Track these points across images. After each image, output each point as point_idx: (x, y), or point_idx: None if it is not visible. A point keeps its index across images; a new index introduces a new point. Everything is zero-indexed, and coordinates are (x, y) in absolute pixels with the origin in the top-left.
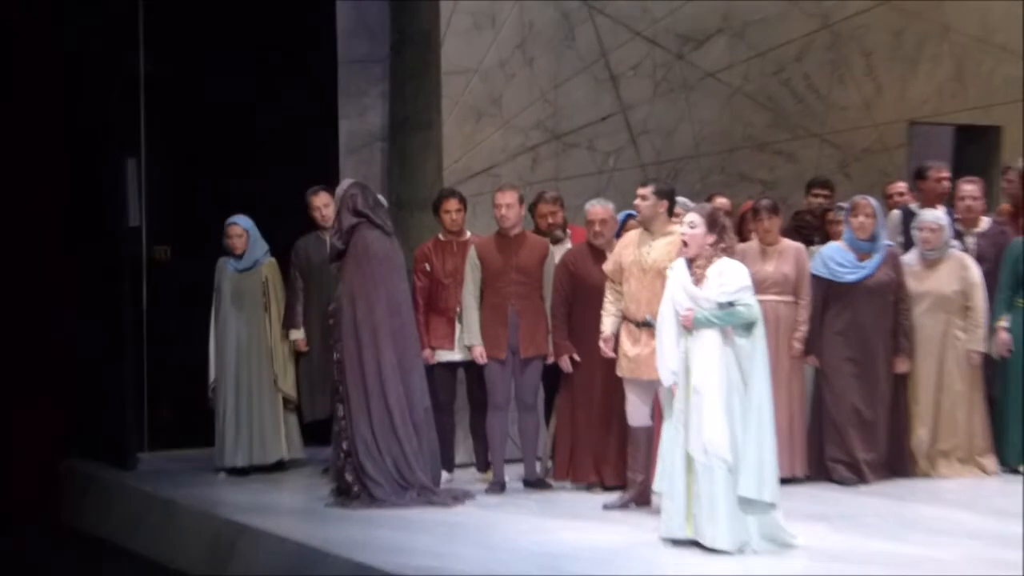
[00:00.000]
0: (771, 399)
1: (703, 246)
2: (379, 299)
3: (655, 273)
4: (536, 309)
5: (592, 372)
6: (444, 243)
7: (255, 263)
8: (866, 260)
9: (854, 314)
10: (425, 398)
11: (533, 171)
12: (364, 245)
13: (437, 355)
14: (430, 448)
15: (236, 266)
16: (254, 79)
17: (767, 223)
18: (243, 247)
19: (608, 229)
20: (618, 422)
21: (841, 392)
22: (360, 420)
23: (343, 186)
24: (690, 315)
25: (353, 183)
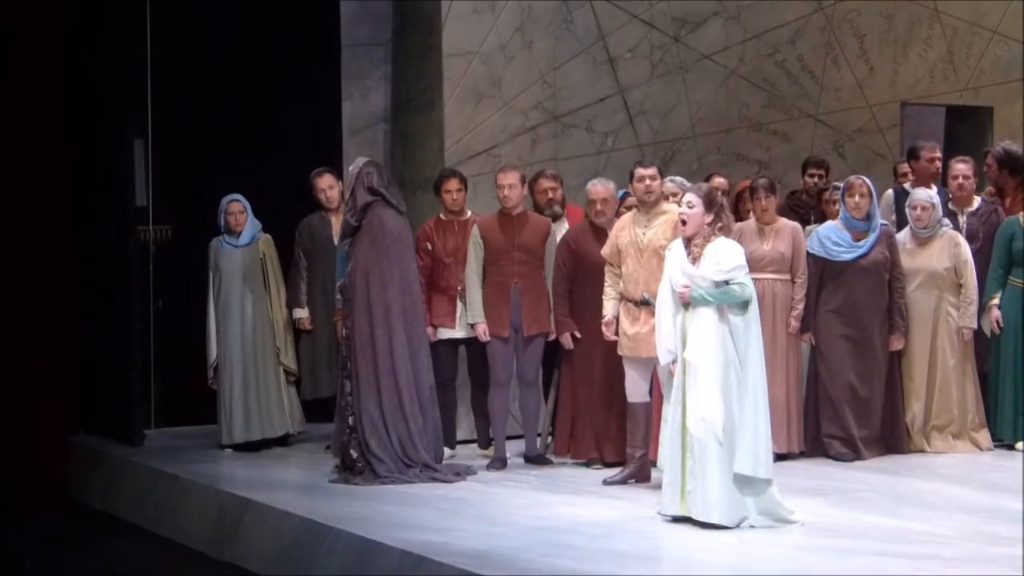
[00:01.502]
0: (765, 376)
1: (701, 225)
2: (392, 277)
3: (652, 252)
4: (538, 287)
5: (592, 349)
6: (445, 222)
7: (252, 239)
8: (861, 239)
9: (849, 292)
10: (431, 376)
11: (532, 151)
12: (380, 223)
13: (439, 332)
14: (434, 426)
15: (235, 243)
16: (258, 63)
17: (764, 202)
18: (243, 224)
19: (609, 208)
20: (618, 399)
21: (837, 369)
22: (368, 398)
23: (358, 164)
24: (686, 292)
25: (368, 161)
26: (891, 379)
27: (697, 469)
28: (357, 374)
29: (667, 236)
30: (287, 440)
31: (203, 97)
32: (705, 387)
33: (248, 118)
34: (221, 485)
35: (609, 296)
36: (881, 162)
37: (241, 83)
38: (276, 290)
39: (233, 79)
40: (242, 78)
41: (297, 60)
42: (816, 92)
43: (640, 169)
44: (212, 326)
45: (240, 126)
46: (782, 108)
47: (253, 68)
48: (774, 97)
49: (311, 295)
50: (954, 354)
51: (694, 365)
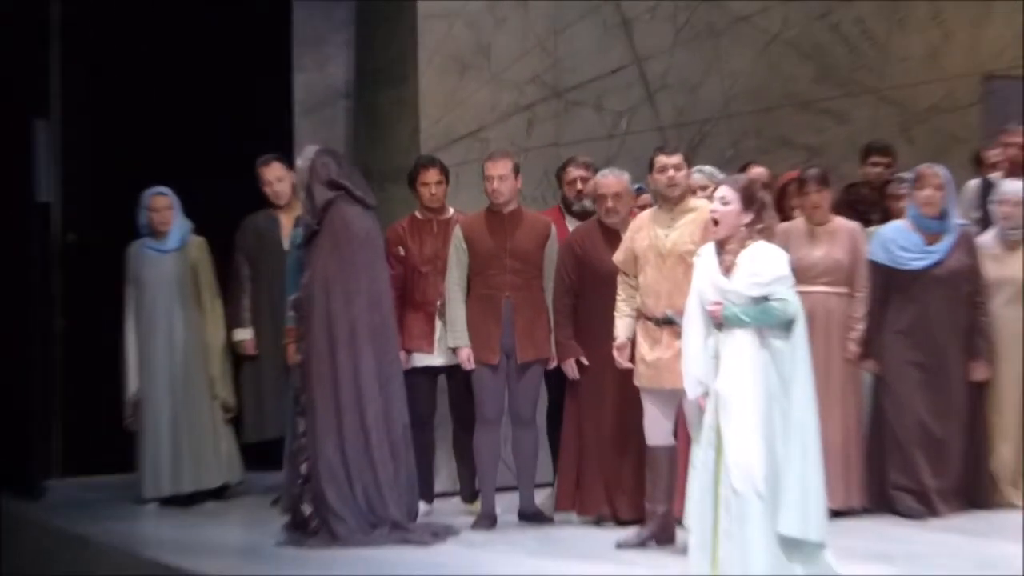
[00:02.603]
0: (816, 414)
1: (736, 227)
2: (359, 289)
3: (676, 258)
4: (535, 302)
5: (603, 379)
6: (422, 222)
7: (182, 243)
8: (935, 243)
9: (921, 308)
10: (404, 413)
11: (529, 135)
12: (343, 223)
13: (413, 359)
14: (407, 475)
15: (160, 247)
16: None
17: (815, 197)
18: (169, 223)
19: (623, 204)
20: (635, 441)
21: (906, 404)
22: (327, 439)
23: (308, 154)
24: (717, 311)
25: (320, 149)
26: (973, 416)
27: (734, 529)
28: (313, 410)
29: (695, 239)
30: (224, 493)
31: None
32: (742, 428)
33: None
34: (142, 549)
35: (622, 313)
36: (959, 148)
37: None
38: (211, 306)
39: (160, 46)
40: (171, 44)
41: (239, 22)
42: (879, 62)
43: (662, 157)
44: (131, 351)
45: (168, 104)
46: (837, 82)
47: (185, 32)
48: (826, 68)
49: (256, 312)
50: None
51: (729, 400)
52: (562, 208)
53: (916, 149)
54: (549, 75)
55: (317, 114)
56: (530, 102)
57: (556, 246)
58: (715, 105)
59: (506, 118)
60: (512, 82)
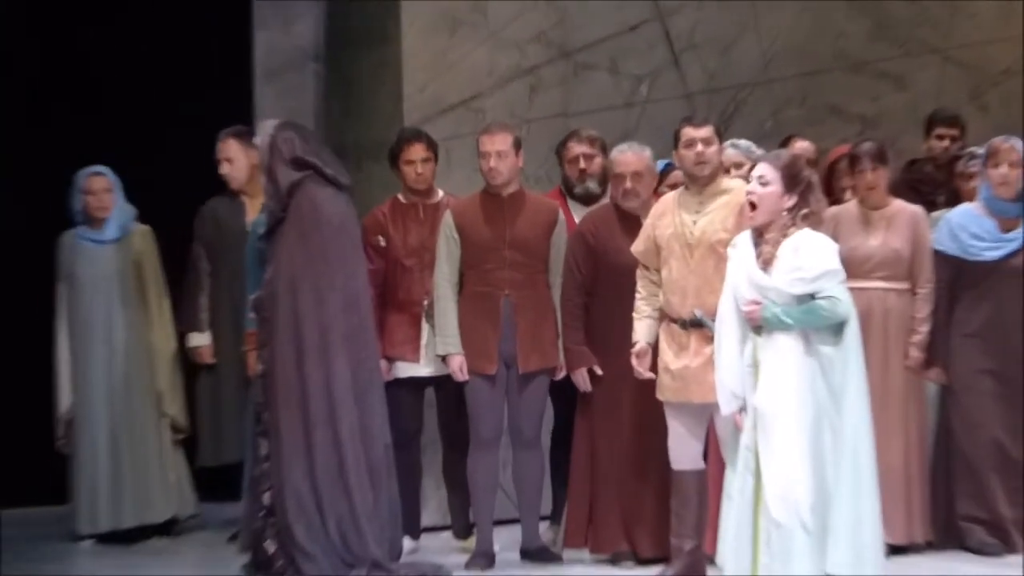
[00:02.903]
0: (872, 433)
1: (777, 212)
2: (332, 286)
3: (706, 249)
4: (540, 301)
5: (621, 392)
6: (406, 207)
7: (124, 232)
8: (1012, 229)
9: (996, 307)
10: (386, 431)
11: (532, 103)
12: (312, 207)
13: (397, 368)
14: (389, 504)
15: (98, 238)
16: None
17: (870, 177)
18: (109, 209)
19: (644, 185)
20: (658, 465)
21: (978, 419)
22: (294, 463)
23: (267, 129)
24: (756, 311)
25: (281, 123)
26: None
27: (776, 567)
28: (278, 429)
29: (728, 226)
30: (174, 528)
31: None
32: (786, 449)
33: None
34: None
35: (642, 313)
36: None
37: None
38: (158, 307)
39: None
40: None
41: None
42: (945, 17)
43: (689, 129)
44: (63, 361)
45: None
46: (895, 40)
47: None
48: (883, 24)
49: (215, 314)
50: None
51: (770, 417)
52: (563, 190)
53: (989, 119)
54: (556, 33)
55: (281, 80)
56: (533, 65)
57: (564, 235)
58: (752, 68)
59: (505, 84)
60: (512, 41)
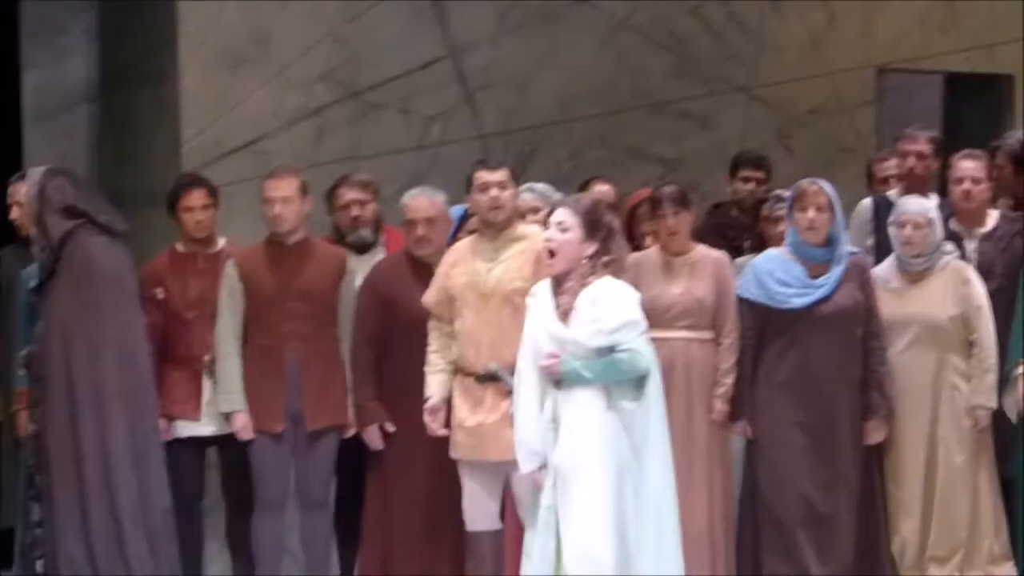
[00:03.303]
0: (673, 490)
1: (577, 259)
2: (106, 341)
3: (501, 299)
4: (328, 355)
5: (413, 449)
6: (185, 256)
7: None
8: (820, 275)
9: (804, 356)
10: (166, 495)
11: (319, 145)
12: (85, 258)
13: (176, 428)
14: (170, 571)
15: None
16: None
17: (672, 221)
18: None
19: (436, 232)
20: (452, 526)
21: (786, 474)
22: (68, 529)
23: (34, 178)
24: (554, 364)
25: (49, 170)
26: (867, 488)
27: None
28: (51, 494)
29: (525, 275)
30: None
31: None
32: (587, 508)
33: None
34: None
35: (435, 367)
36: (848, 159)
37: None
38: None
39: None
40: None
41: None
42: (750, 53)
43: (483, 173)
44: None
45: None
46: (699, 77)
47: None
48: (686, 61)
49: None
50: (963, 448)
51: (570, 474)
52: (334, 238)
53: (796, 160)
54: (344, 71)
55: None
56: (320, 105)
57: (354, 285)
58: (549, 107)
59: (291, 125)
60: (298, 80)
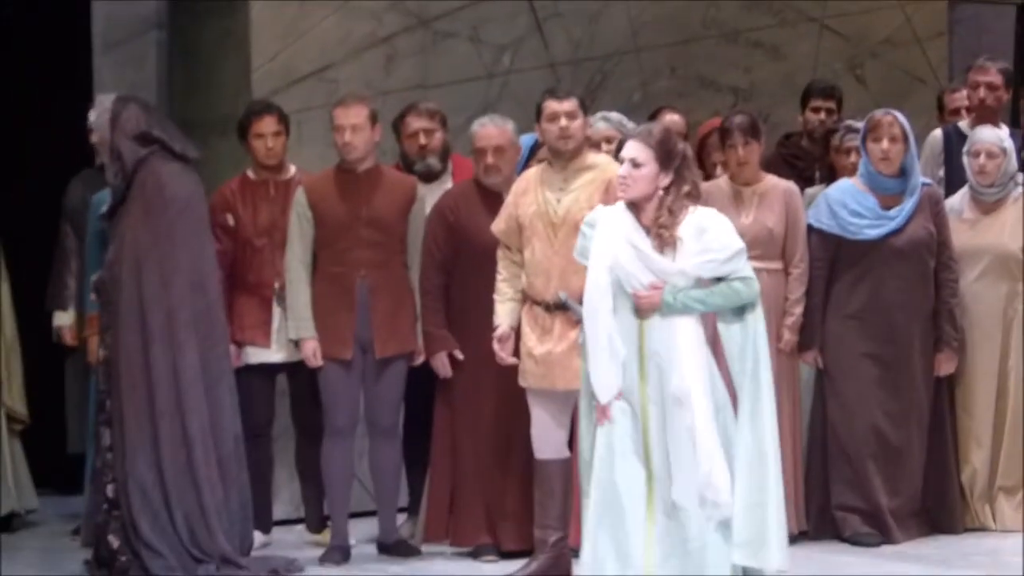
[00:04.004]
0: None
1: (652, 192)
2: (178, 268)
3: (570, 229)
4: (398, 283)
5: (483, 379)
6: (255, 184)
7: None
8: (892, 206)
9: (876, 288)
10: (236, 422)
11: (388, 74)
12: (157, 185)
13: (247, 354)
14: (240, 498)
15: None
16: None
17: (742, 151)
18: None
19: (506, 161)
20: (521, 455)
21: (856, 405)
22: (139, 455)
23: (104, 104)
24: (656, 297)
25: (121, 97)
26: (938, 419)
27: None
28: (122, 418)
29: (594, 204)
30: (12, 523)
31: None
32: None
33: None
34: None
35: (504, 296)
36: (920, 90)
37: None
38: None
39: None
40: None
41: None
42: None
43: (552, 102)
44: None
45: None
46: (770, 8)
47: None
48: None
49: (82, 293)
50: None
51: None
52: (402, 167)
53: (868, 91)
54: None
55: (120, 50)
56: (389, 33)
57: (423, 213)
58: (619, 37)
59: (360, 53)
60: (366, 8)
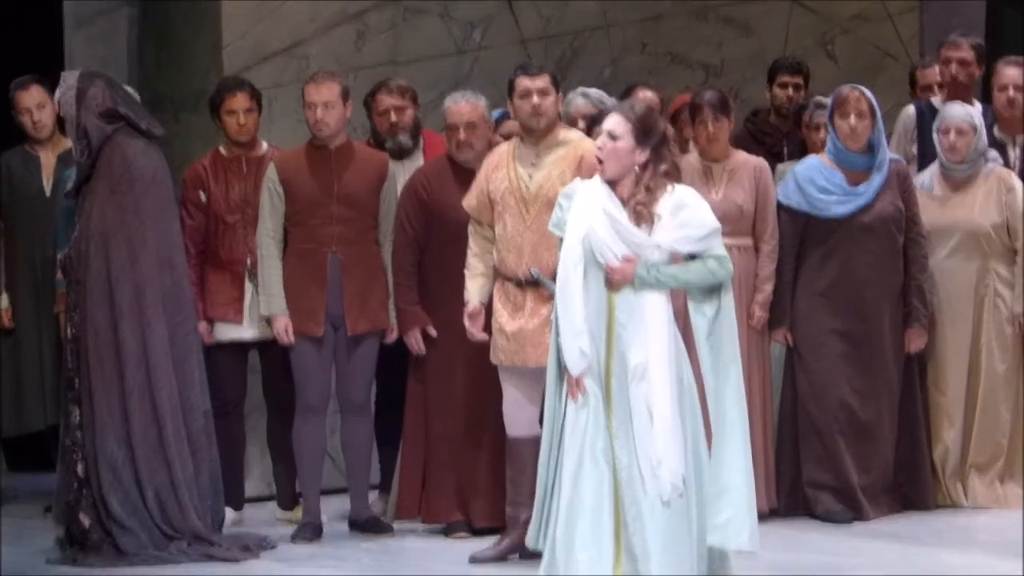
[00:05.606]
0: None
1: (627, 167)
2: (145, 244)
3: (542, 205)
4: (369, 259)
5: (454, 354)
6: (227, 160)
7: None
8: (861, 183)
9: (845, 264)
10: (206, 398)
11: (359, 50)
12: (123, 161)
13: (218, 331)
14: (210, 474)
15: None
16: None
17: (712, 128)
18: None
19: (478, 136)
20: (493, 432)
21: (826, 382)
22: (108, 432)
23: (69, 81)
24: (629, 269)
25: (85, 73)
26: (909, 396)
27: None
28: (91, 396)
29: (566, 180)
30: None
31: None
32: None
33: None
34: None
35: (475, 271)
36: (891, 65)
37: None
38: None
39: None
40: None
41: None
42: None
43: (524, 79)
44: None
45: None
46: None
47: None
48: None
49: (12, 273)
50: (1005, 356)
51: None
52: (373, 144)
53: (838, 67)
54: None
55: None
56: (360, 10)
57: (395, 190)
58: (590, 13)
59: (330, 30)
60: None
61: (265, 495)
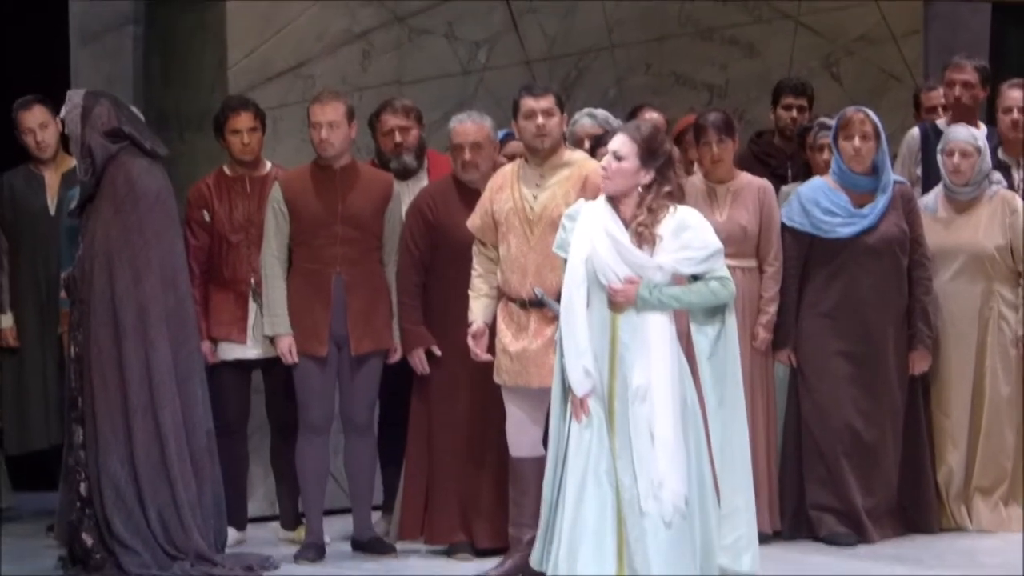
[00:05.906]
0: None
1: (631, 187)
2: (149, 263)
3: (546, 226)
4: (374, 279)
5: (457, 375)
6: (231, 179)
7: None
8: (865, 204)
9: (849, 286)
10: (209, 418)
11: (365, 70)
12: (127, 181)
13: (221, 350)
14: (213, 494)
15: None
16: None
17: (716, 149)
18: None
19: (483, 157)
20: (496, 451)
21: (830, 403)
22: (111, 452)
23: (75, 100)
24: (631, 291)
25: (90, 92)
26: (913, 418)
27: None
28: (95, 415)
29: (570, 201)
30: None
31: None
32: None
33: None
34: None
35: (479, 292)
36: (896, 87)
37: None
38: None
39: None
40: None
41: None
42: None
43: (529, 99)
44: None
45: None
46: (745, 6)
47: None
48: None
49: (16, 292)
50: (1009, 379)
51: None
52: (377, 164)
53: (843, 88)
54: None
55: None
56: (365, 30)
57: (399, 210)
58: (595, 33)
59: (336, 49)
60: (342, 4)
61: (268, 515)
